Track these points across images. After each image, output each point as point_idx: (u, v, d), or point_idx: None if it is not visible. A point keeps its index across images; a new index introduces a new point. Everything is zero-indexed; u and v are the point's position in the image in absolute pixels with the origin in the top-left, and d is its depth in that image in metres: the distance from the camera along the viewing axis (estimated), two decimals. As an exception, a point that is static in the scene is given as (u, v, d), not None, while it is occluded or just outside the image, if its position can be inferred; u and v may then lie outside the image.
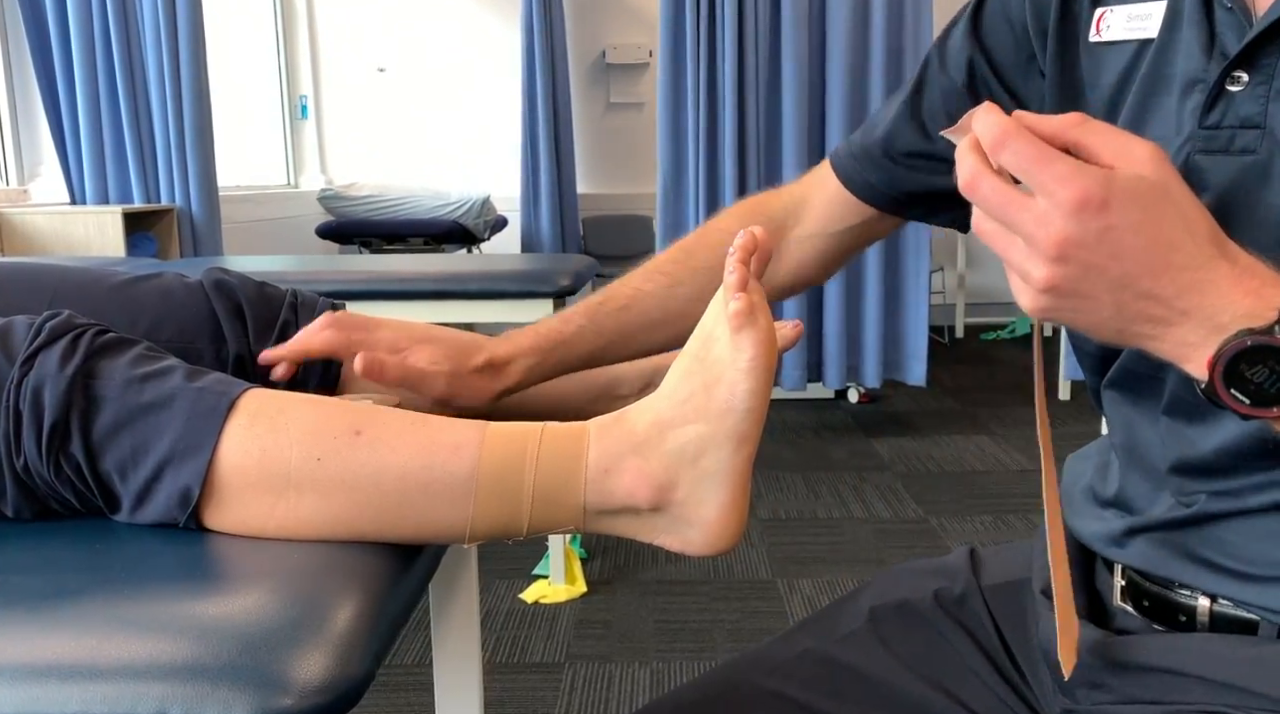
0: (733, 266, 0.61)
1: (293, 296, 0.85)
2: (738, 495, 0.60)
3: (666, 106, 3.72)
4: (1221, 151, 0.60)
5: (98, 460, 0.57)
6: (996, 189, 0.51)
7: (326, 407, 0.61)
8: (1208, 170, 0.61)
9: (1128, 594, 0.69)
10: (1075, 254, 0.49)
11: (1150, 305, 0.50)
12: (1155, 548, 0.66)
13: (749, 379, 0.59)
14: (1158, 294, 0.50)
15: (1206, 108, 0.61)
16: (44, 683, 0.42)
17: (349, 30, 5.69)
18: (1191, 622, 0.64)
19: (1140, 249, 0.49)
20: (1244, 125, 0.59)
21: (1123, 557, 0.69)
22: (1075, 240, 0.49)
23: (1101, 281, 0.50)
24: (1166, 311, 0.50)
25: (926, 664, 0.76)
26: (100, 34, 3.67)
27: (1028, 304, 0.52)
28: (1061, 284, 0.50)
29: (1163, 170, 0.50)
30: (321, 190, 5.26)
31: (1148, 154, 0.50)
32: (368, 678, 0.46)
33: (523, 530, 0.60)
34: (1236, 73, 0.60)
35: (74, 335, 0.59)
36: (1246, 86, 0.59)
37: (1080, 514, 0.74)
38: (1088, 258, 0.49)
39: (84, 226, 3.53)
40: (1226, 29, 0.61)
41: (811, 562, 2.51)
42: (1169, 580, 0.66)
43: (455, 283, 2.09)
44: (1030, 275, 0.51)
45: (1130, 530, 0.68)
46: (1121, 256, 0.49)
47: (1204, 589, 0.64)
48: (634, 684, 1.94)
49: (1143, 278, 0.50)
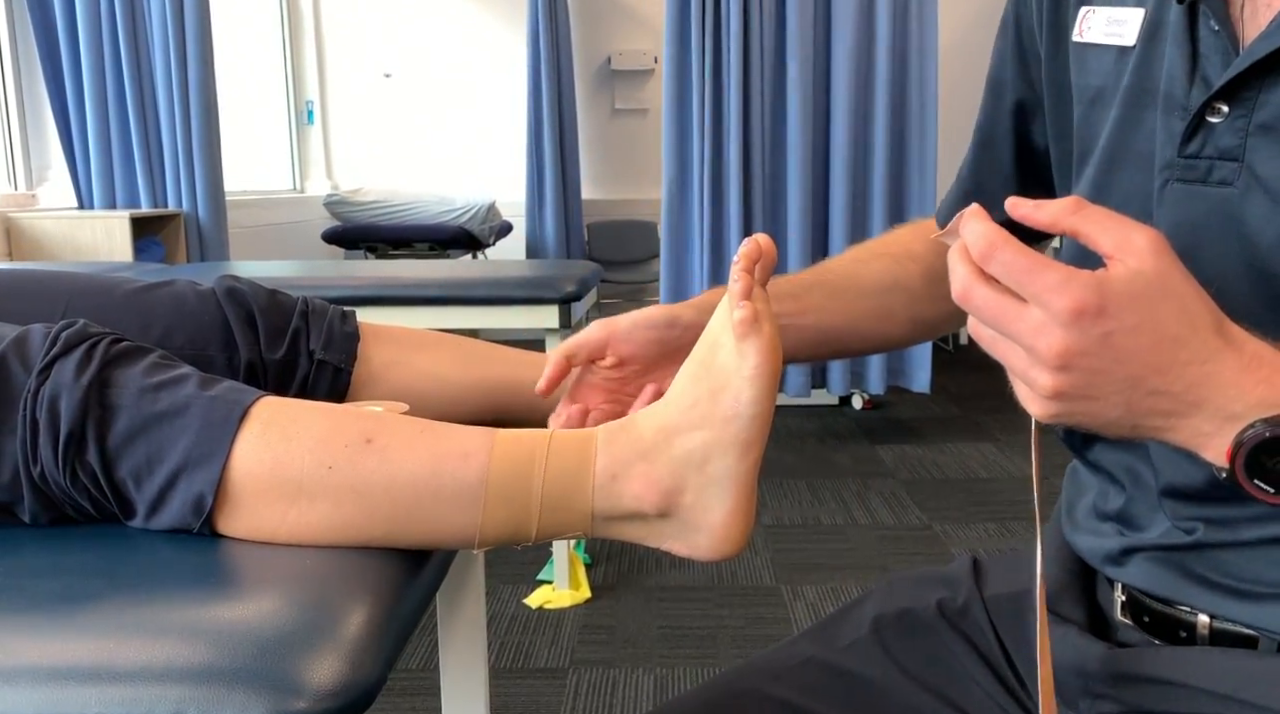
0: (737, 274, 0.61)
1: (304, 304, 0.86)
2: (744, 500, 0.61)
3: (671, 112, 3.73)
4: (1199, 182, 0.60)
5: (113, 468, 0.58)
6: (990, 300, 0.50)
7: (337, 414, 0.61)
8: (1184, 199, 0.61)
9: (1128, 610, 0.69)
10: (1078, 362, 0.49)
11: (1160, 401, 0.50)
12: (1154, 566, 0.66)
13: (754, 386, 0.59)
14: (1166, 390, 0.49)
15: (1186, 137, 0.60)
16: (63, 685, 0.43)
17: (355, 36, 5.71)
18: (1192, 637, 0.64)
19: (1144, 349, 0.49)
20: (1222, 157, 0.59)
21: (1122, 575, 0.69)
22: (1076, 349, 0.49)
23: (1108, 385, 0.49)
24: (1177, 405, 0.50)
25: (929, 673, 0.77)
26: (109, 40, 3.70)
27: (1037, 411, 0.52)
28: (1068, 390, 0.50)
29: (1162, 262, 0.49)
30: (327, 195, 5.27)
31: (1147, 244, 0.49)
32: (380, 682, 0.47)
33: (531, 536, 0.60)
34: (1217, 104, 0.59)
35: (89, 344, 0.60)
36: (1226, 118, 0.59)
37: (1080, 529, 0.74)
38: (1091, 364, 0.49)
39: (92, 231, 3.55)
40: (1212, 52, 0.60)
41: (815, 568, 2.52)
42: (1169, 599, 0.66)
43: (460, 288, 2.09)
44: (1035, 383, 0.50)
45: (1128, 550, 0.68)
46: (1125, 360, 0.49)
47: (1203, 608, 0.64)
48: (638, 690, 1.95)
49: (1149, 377, 0.49)
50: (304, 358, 0.83)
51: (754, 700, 0.77)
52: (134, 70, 3.72)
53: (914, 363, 3.83)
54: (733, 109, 3.64)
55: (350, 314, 0.88)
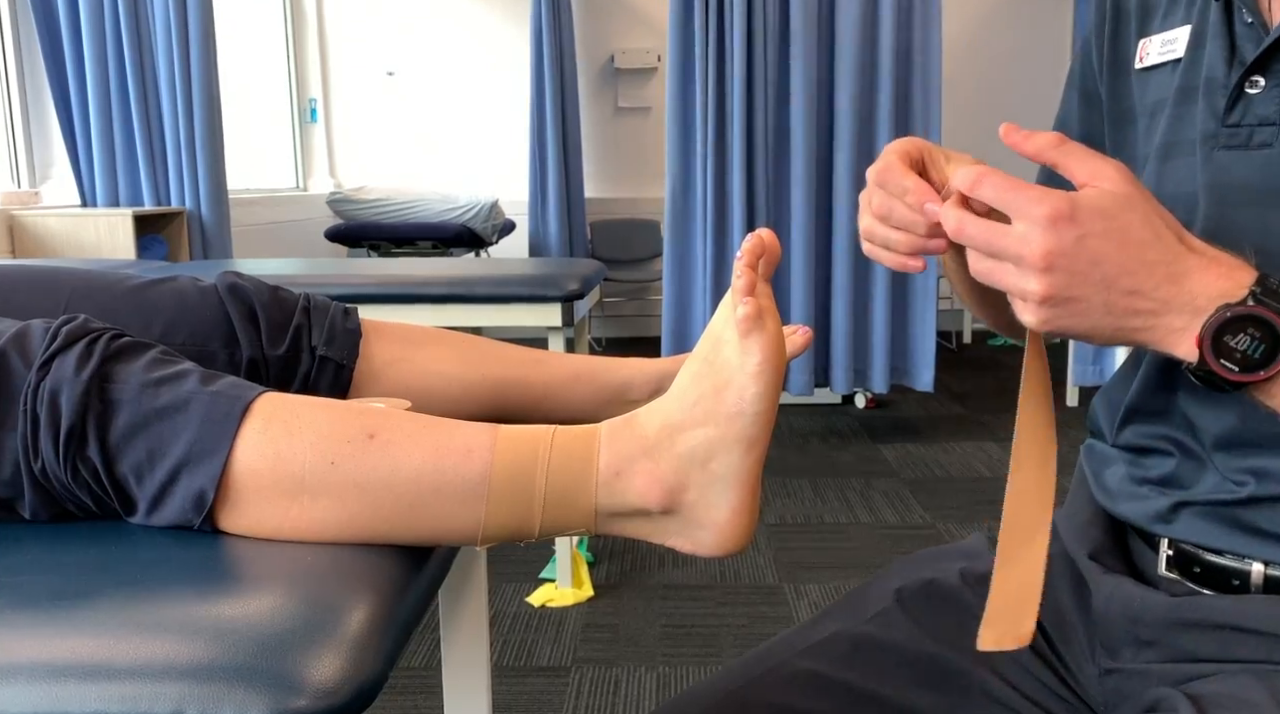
0: (740, 270, 0.61)
1: (305, 301, 0.85)
2: (748, 498, 0.61)
3: (675, 111, 3.73)
4: (1242, 147, 0.67)
5: (114, 464, 0.58)
6: (981, 227, 0.58)
7: (339, 410, 0.61)
8: (1231, 164, 0.67)
9: (1175, 564, 0.70)
10: (1059, 262, 0.56)
11: (1135, 300, 0.57)
12: (1205, 521, 0.68)
13: (757, 383, 0.59)
14: (1139, 288, 0.56)
15: (1228, 108, 0.68)
16: (63, 682, 0.43)
17: (358, 34, 5.71)
18: (1245, 585, 0.66)
19: (1114, 251, 0.56)
20: (1261, 123, 0.66)
21: (1171, 531, 0.70)
22: (1056, 250, 0.56)
23: (1088, 284, 0.56)
24: (1151, 303, 0.57)
25: (957, 637, 0.77)
26: (112, 37, 3.70)
27: (1030, 318, 0.58)
28: (1054, 292, 0.56)
29: (1127, 185, 0.57)
30: (330, 193, 5.28)
31: (1115, 173, 0.57)
32: (381, 679, 0.46)
33: (535, 532, 0.60)
34: (1253, 77, 0.67)
35: (89, 340, 0.60)
36: (1263, 89, 0.66)
37: (1117, 496, 0.76)
38: (1070, 265, 0.56)
39: (95, 229, 3.55)
40: (1245, 40, 0.68)
41: (818, 567, 2.51)
42: (1220, 550, 0.67)
43: (463, 287, 2.09)
44: (1026, 291, 0.57)
45: (1177, 505, 0.70)
46: (1100, 261, 0.56)
47: (1257, 556, 0.65)
48: (640, 688, 1.95)
49: (1122, 277, 0.56)
50: (306, 354, 0.83)
51: (783, 676, 0.78)
52: (137, 68, 3.73)
53: (917, 362, 3.82)
54: (736, 107, 3.64)
55: (352, 311, 0.88)
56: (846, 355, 3.80)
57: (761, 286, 0.61)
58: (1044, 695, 0.75)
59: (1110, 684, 0.72)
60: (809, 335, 0.89)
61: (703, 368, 0.62)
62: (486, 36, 5.69)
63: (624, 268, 5.64)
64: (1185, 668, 0.67)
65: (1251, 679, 0.62)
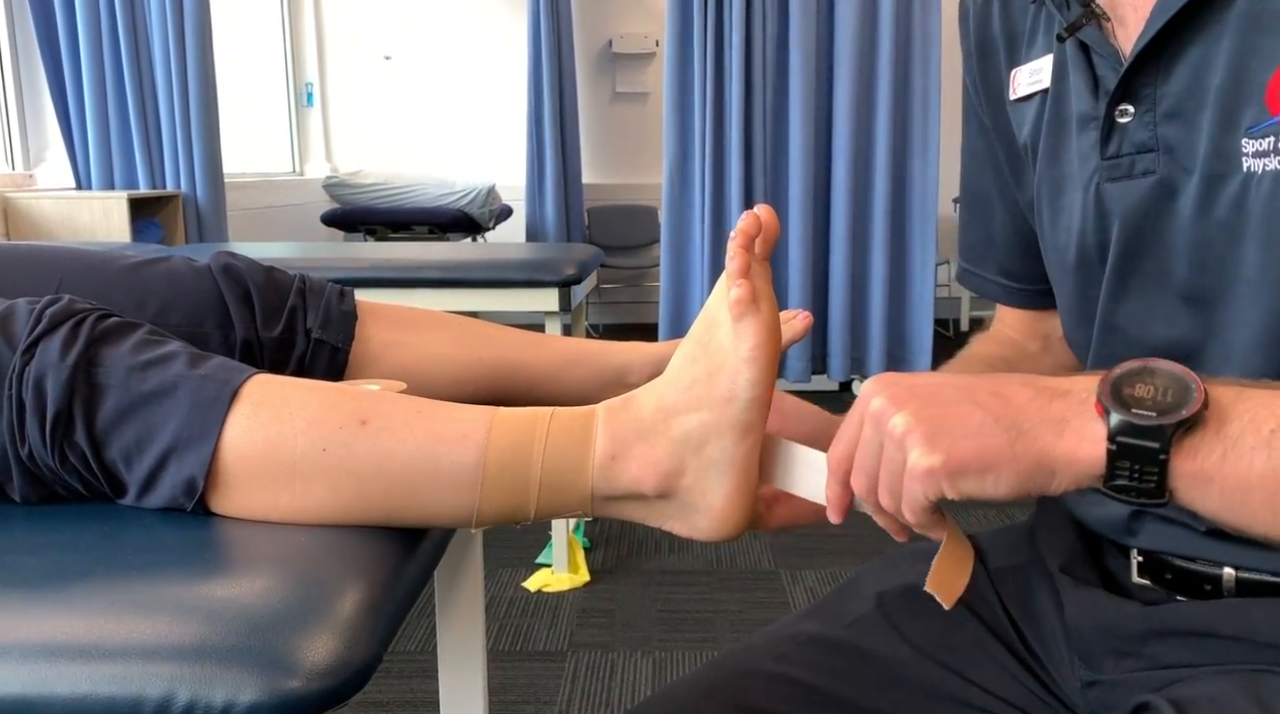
0: (734, 251, 0.58)
1: (301, 282, 0.85)
2: (743, 483, 0.60)
3: (673, 96, 3.71)
4: (1125, 177, 0.66)
5: (102, 449, 0.57)
6: (854, 458, 0.58)
7: (331, 394, 0.60)
8: (1117, 196, 0.67)
9: (1146, 571, 0.69)
10: (906, 401, 0.54)
11: (1008, 395, 0.54)
12: (1168, 528, 0.67)
13: (751, 368, 0.57)
14: (998, 390, 0.54)
15: (1104, 141, 0.67)
16: (54, 663, 0.43)
17: (355, 17, 5.68)
18: (1217, 590, 0.65)
19: (937, 383, 0.56)
20: (1140, 150, 0.65)
21: (1137, 541, 0.69)
22: (899, 397, 0.55)
23: (943, 397, 0.54)
24: (1031, 390, 0.54)
25: (938, 647, 0.76)
26: (106, 19, 3.67)
27: (933, 466, 0.53)
28: (920, 413, 0.54)
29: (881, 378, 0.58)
30: (327, 177, 5.26)
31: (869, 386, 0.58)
32: (374, 661, 0.46)
33: (530, 516, 0.60)
34: (1122, 105, 0.66)
35: (75, 322, 0.58)
36: (1134, 117, 0.65)
37: (1085, 500, 0.74)
38: (916, 397, 0.55)
39: (89, 212, 3.53)
40: (1105, 71, 0.67)
41: (814, 553, 2.52)
42: (1189, 556, 0.66)
43: (460, 271, 2.08)
44: (907, 444, 0.53)
45: (1138, 514, 0.69)
46: (937, 389, 0.55)
47: (1226, 561, 0.64)
48: (636, 673, 1.95)
49: (965, 390, 0.55)
50: (301, 337, 0.82)
51: (760, 681, 0.77)
52: (132, 50, 3.70)
53: (914, 347, 3.82)
54: (734, 93, 3.62)
55: (348, 293, 0.87)
56: (843, 342, 3.80)
57: (759, 267, 0.59)
58: (1029, 703, 0.74)
59: (1094, 695, 0.71)
60: (809, 321, 0.86)
61: (696, 350, 0.60)
62: (484, 20, 5.66)
63: (621, 254, 5.63)
64: (1167, 674, 0.66)
65: (1232, 681, 0.62)
